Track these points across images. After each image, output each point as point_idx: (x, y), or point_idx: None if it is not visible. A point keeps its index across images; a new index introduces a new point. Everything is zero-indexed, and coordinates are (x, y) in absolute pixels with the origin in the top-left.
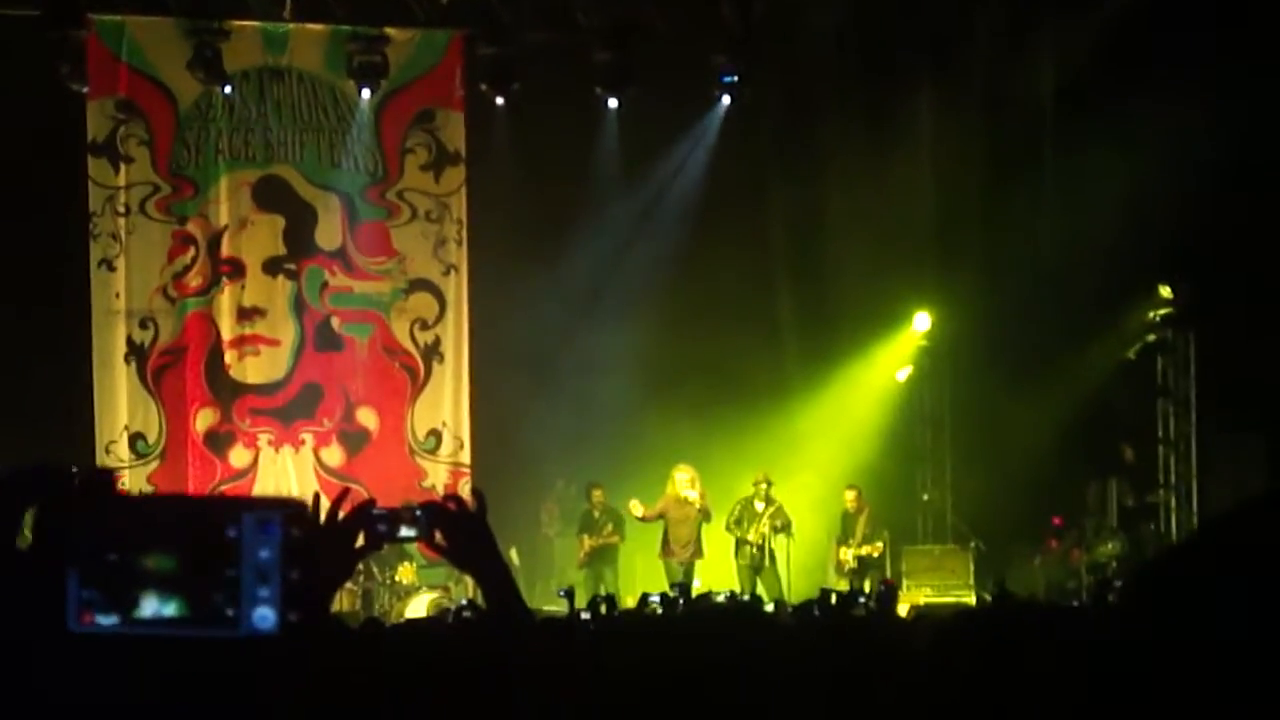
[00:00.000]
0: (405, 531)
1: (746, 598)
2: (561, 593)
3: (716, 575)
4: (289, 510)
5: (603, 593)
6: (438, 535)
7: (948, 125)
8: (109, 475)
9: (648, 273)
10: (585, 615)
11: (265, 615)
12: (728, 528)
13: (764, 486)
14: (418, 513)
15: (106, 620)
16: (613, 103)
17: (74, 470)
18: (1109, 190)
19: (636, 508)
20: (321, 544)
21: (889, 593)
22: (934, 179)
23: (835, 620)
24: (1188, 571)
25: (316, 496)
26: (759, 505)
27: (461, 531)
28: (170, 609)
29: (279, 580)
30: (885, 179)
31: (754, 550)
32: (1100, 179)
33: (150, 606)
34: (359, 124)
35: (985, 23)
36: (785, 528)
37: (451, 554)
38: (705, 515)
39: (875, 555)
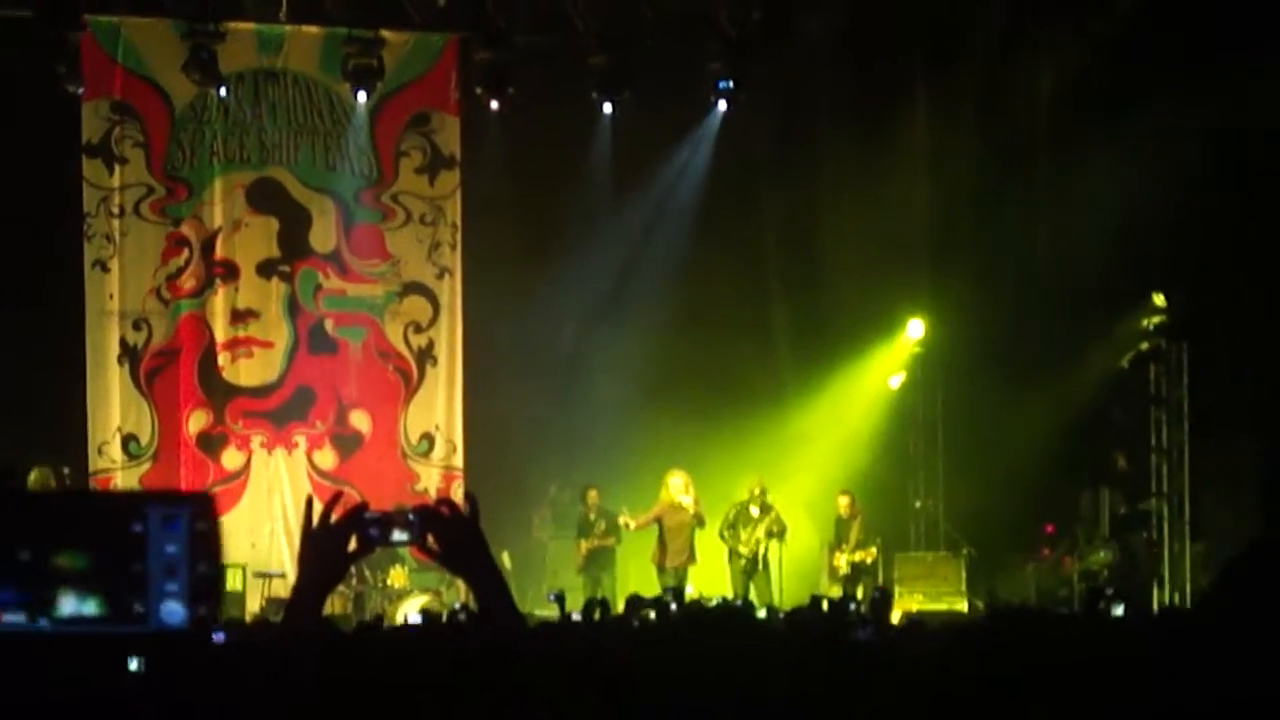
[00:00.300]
0: (398, 535)
1: (739, 604)
2: (551, 597)
3: (709, 581)
4: (194, 504)
5: (599, 596)
6: (430, 539)
7: (942, 133)
8: (11, 472)
9: (642, 277)
10: (577, 618)
11: (174, 610)
12: (721, 533)
13: (759, 492)
14: (410, 517)
15: (15, 618)
16: (607, 108)
17: None
18: (1103, 199)
19: (628, 520)
20: (314, 547)
21: (883, 599)
22: (928, 187)
23: (828, 627)
24: None
25: (309, 500)
26: (754, 511)
27: (454, 536)
28: (90, 607)
29: (186, 574)
30: (880, 186)
31: (747, 555)
32: (1094, 187)
33: (69, 605)
34: (354, 127)
35: (979, 31)
36: (780, 534)
37: (444, 558)
38: (699, 521)
39: (869, 561)
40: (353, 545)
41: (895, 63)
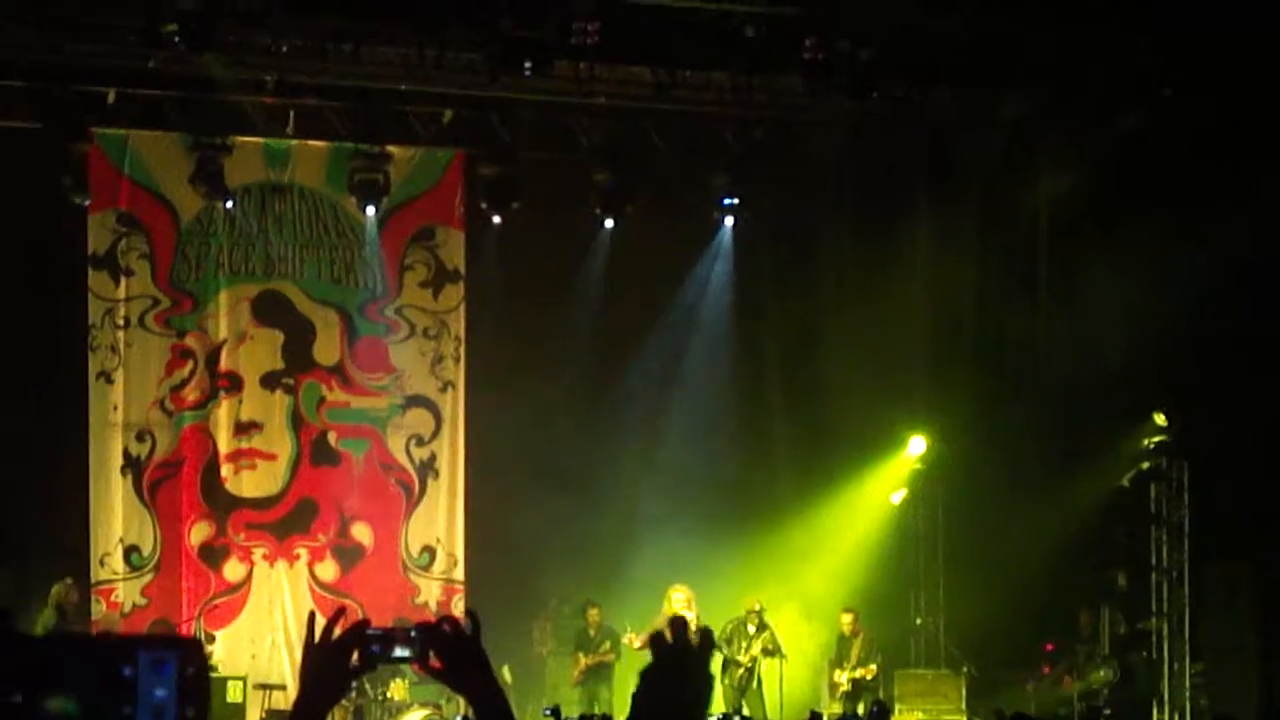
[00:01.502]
0: (399, 651)
1: (737, 719)
2: (546, 711)
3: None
4: (184, 648)
5: (597, 712)
6: (432, 656)
7: (943, 249)
8: (7, 616)
9: (644, 391)
10: None
11: None
12: (716, 646)
13: (757, 610)
14: (412, 633)
15: None
16: (609, 223)
17: None
18: (1104, 317)
19: (632, 637)
20: (317, 663)
21: (880, 714)
22: (929, 303)
23: None
24: None
25: (312, 615)
26: (750, 628)
27: (456, 653)
28: None
29: (174, 719)
30: (882, 301)
31: (742, 672)
32: (1095, 306)
33: None
34: (359, 240)
35: (981, 148)
36: (775, 651)
37: (445, 675)
38: (708, 642)
39: (869, 678)
40: (355, 661)
41: (897, 177)
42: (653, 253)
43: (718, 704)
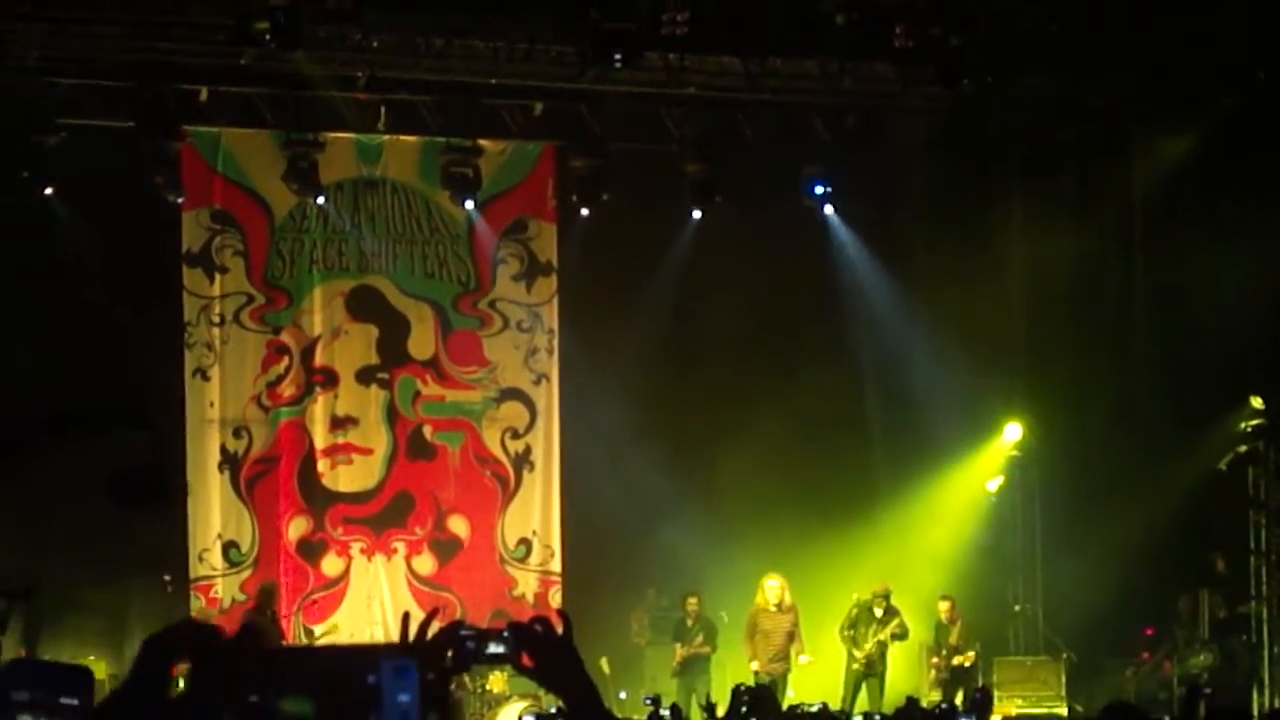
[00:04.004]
0: (493, 649)
1: (842, 708)
2: (647, 700)
3: (817, 687)
4: (423, 656)
5: (697, 703)
6: (524, 655)
7: (1037, 235)
8: (254, 629)
9: (737, 382)
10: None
11: None
12: (841, 632)
13: (883, 596)
14: (505, 633)
15: None
16: (696, 214)
17: (216, 626)
18: (1199, 301)
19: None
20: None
21: (984, 700)
22: (1024, 290)
23: None
24: None
25: (406, 615)
26: (877, 612)
27: (548, 653)
28: None
29: None
30: (975, 288)
31: (862, 660)
32: (1191, 290)
33: None
34: (451, 234)
35: (1074, 133)
36: (903, 636)
37: (538, 674)
38: (793, 631)
39: (968, 665)
40: (449, 659)
41: (990, 164)
42: (742, 242)
43: (827, 693)
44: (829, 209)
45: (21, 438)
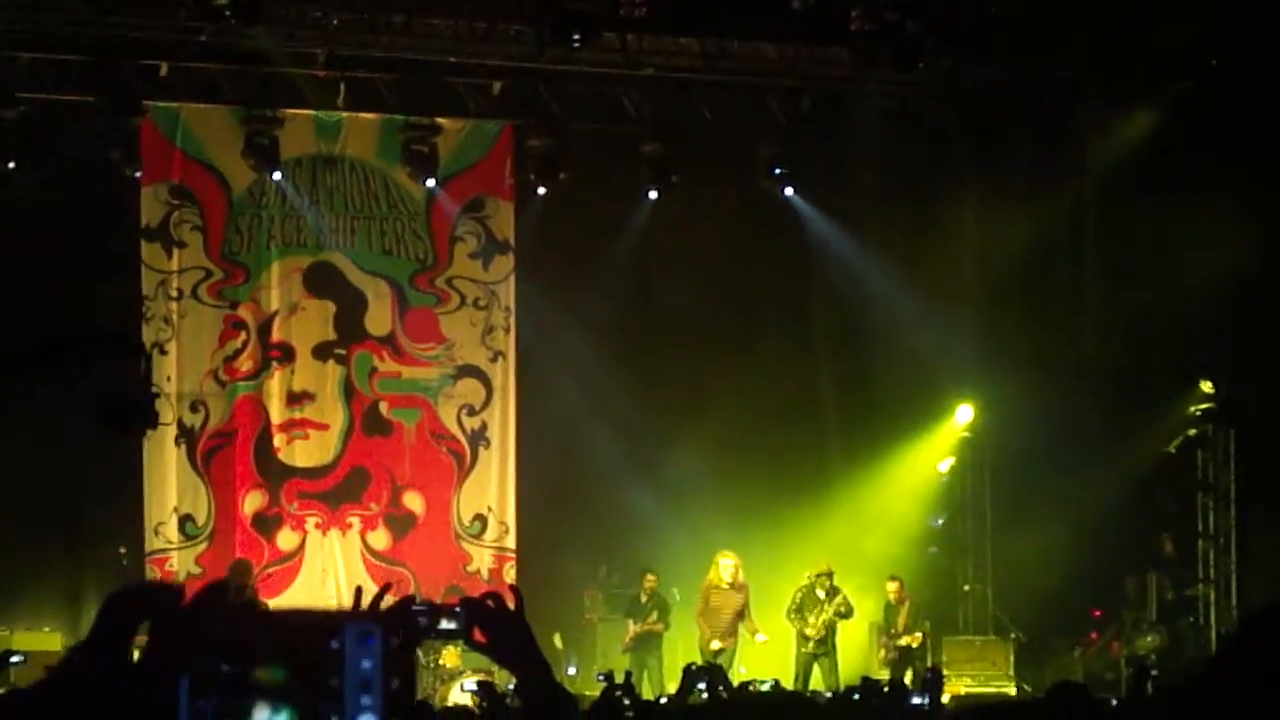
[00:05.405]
0: (445, 625)
1: (793, 688)
2: (600, 677)
3: (767, 665)
4: (387, 622)
5: (648, 680)
6: (476, 631)
7: (991, 217)
8: (220, 589)
9: (692, 362)
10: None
11: None
12: (788, 616)
13: (826, 576)
14: (457, 609)
15: None
16: (653, 193)
17: (181, 586)
18: (1151, 284)
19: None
20: None
21: (935, 679)
22: (976, 272)
23: (885, 700)
24: None
25: (359, 590)
26: (820, 594)
27: (500, 628)
28: (282, 718)
29: (381, 689)
30: (928, 270)
31: (814, 638)
32: (1143, 273)
33: (262, 716)
34: (409, 212)
35: (1028, 117)
36: (848, 614)
37: (490, 650)
38: (744, 610)
39: (915, 645)
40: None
41: (945, 146)
42: (698, 222)
43: (777, 672)
44: (788, 190)
45: (12, 364)
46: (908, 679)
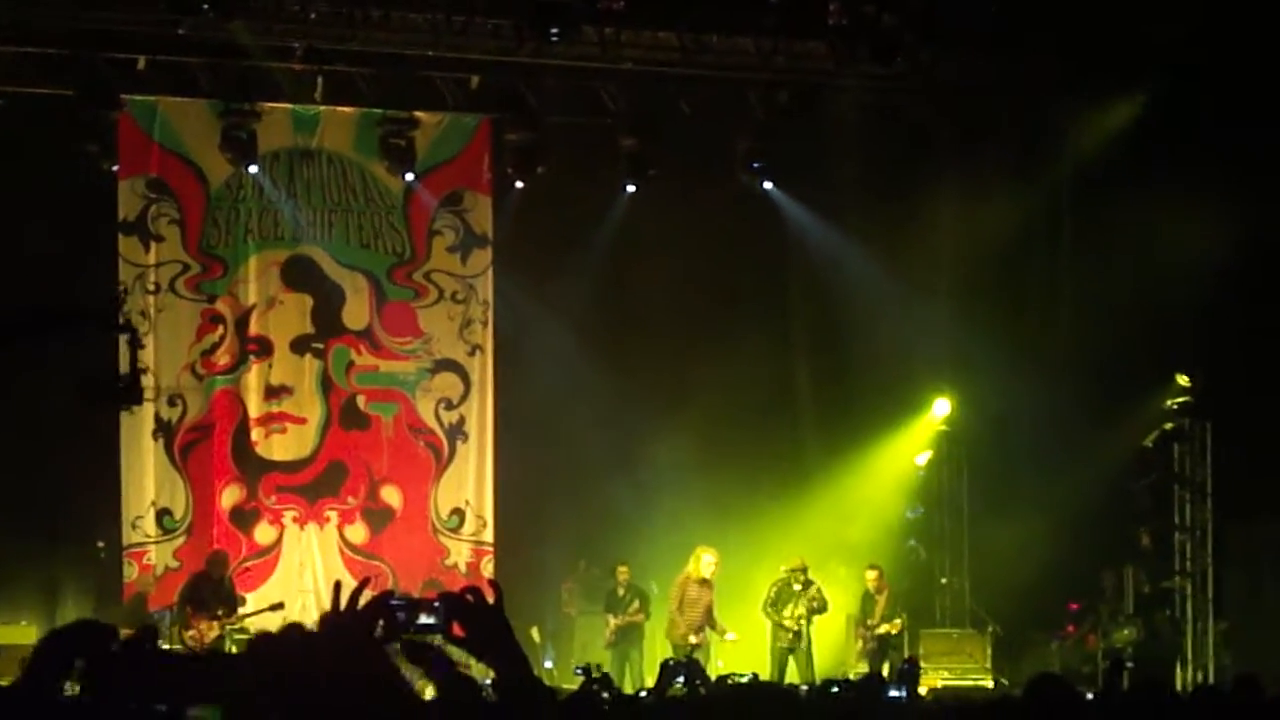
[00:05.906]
0: (424, 619)
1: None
2: (578, 670)
3: (743, 658)
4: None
5: (629, 673)
6: (455, 626)
7: (968, 211)
8: (153, 631)
9: (669, 356)
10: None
11: None
12: (764, 610)
13: (800, 570)
14: (436, 603)
15: None
16: (631, 187)
17: (114, 627)
18: (1128, 279)
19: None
20: (341, 632)
21: (912, 671)
22: (954, 266)
23: (862, 699)
24: None
25: (337, 585)
26: (795, 587)
27: (479, 623)
28: None
29: None
30: (907, 264)
31: (790, 632)
32: (1120, 268)
33: None
34: (387, 205)
35: (1005, 111)
36: (821, 609)
37: (468, 644)
38: (710, 608)
39: (893, 633)
40: (379, 630)
41: (922, 140)
42: (676, 216)
43: (754, 665)
44: (766, 184)
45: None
46: (885, 670)
